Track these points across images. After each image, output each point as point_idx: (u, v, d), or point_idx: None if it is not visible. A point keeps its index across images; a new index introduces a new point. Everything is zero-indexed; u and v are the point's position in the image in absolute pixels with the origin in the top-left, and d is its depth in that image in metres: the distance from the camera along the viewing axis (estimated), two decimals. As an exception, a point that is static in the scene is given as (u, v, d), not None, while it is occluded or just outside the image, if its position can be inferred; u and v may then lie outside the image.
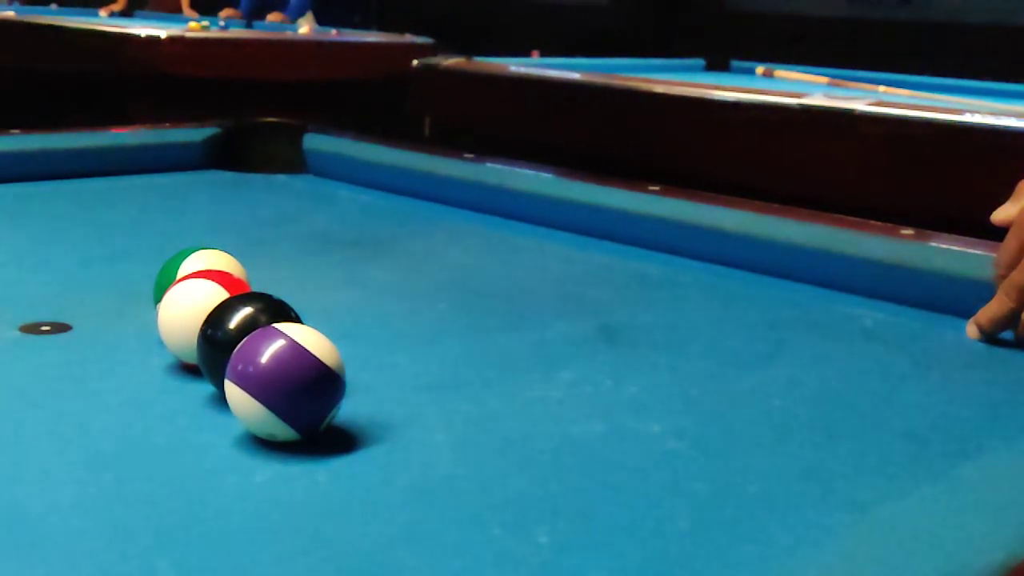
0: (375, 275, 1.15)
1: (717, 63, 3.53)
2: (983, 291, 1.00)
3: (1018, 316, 0.96)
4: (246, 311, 0.72)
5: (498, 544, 0.58)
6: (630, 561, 0.56)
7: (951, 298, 1.05)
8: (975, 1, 4.92)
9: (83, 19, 4.22)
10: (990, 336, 0.98)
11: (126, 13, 5.22)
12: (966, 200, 1.76)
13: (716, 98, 2.20)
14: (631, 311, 1.06)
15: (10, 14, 4.27)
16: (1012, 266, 0.96)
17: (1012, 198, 0.99)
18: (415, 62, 2.86)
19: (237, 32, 4.00)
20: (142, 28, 3.47)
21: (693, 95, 2.26)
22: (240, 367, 0.66)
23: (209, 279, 0.78)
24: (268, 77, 3.38)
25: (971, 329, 0.99)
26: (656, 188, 1.35)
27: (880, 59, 3.49)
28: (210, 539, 0.57)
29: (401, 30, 4.06)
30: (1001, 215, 0.98)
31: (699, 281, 1.18)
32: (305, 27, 4.61)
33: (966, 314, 1.01)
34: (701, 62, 3.57)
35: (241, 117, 1.76)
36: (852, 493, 0.66)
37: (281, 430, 0.66)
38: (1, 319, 0.91)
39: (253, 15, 4.94)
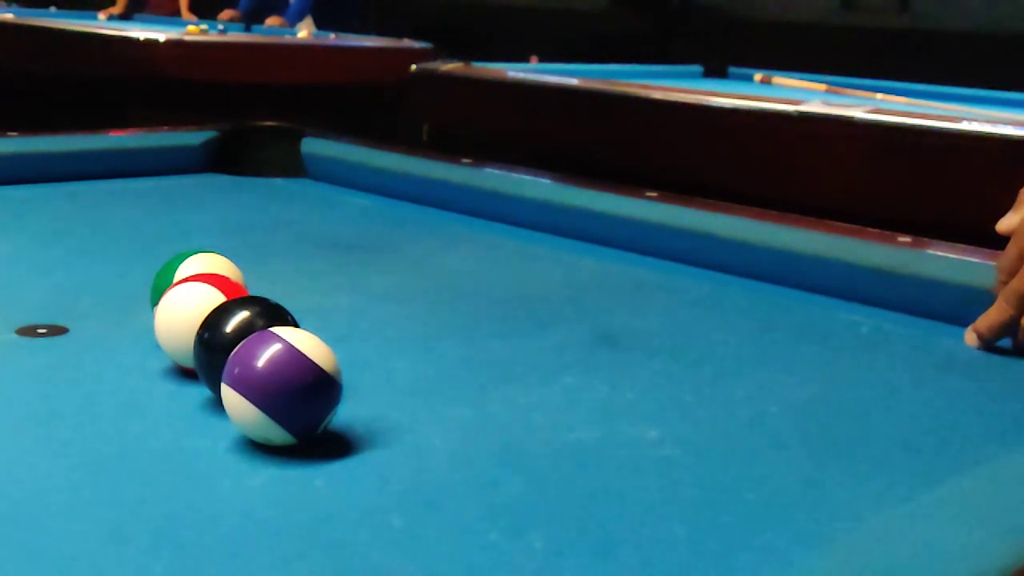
0: (372, 279, 1.15)
1: (715, 70, 3.54)
2: (980, 299, 1.00)
3: (1017, 323, 0.96)
4: (243, 315, 0.72)
5: (494, 549, 0.57)
6: (626, 567, 0.56)
7: (948, 306, 1.05)
8: (973, 9, 4.93)
9: (82, 22, 4.22)
10: (989, 343, 0.98)
11: (125, 16, 5.22)
12: (963, 208, 1.77)
13: (714, 104, 2.21)
14: (628, 317, 1.06)
15: (9, 16, 4.28)
16: (1013, 273, 0.96)
17: (1015, 207, 0.99)
18: (413, 67, 2.87)
19: (236, 36, 4.00)
20: (140, 31, 3.47)
21: (691, 101, 2.26)
22: (236, 371, 0.66)
23: (206, 283, 0.78)
24: (266, 81, 3.39)
25: (970, 336, 0.99)
26: (653, 194, 1.35)
27: (878, 67, 3.49)
28: (205, 543, 0.57)
29: (400, 35, 4.06)
30: (1004, 224, 0.99)
31: (696, 287, 1.18)
32: (304, 31, 4.62)
33: (963, 322, 1.01)
34: (699, 69, 3.57)
35: (239, 121, 1.76)
36: (848, 501, 0.66)
37: (277, 434, 0.66)
38: (-3, 321, 0.91)
39: (252, 19, 4.94)
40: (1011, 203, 0.99)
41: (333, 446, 0.69)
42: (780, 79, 3.13)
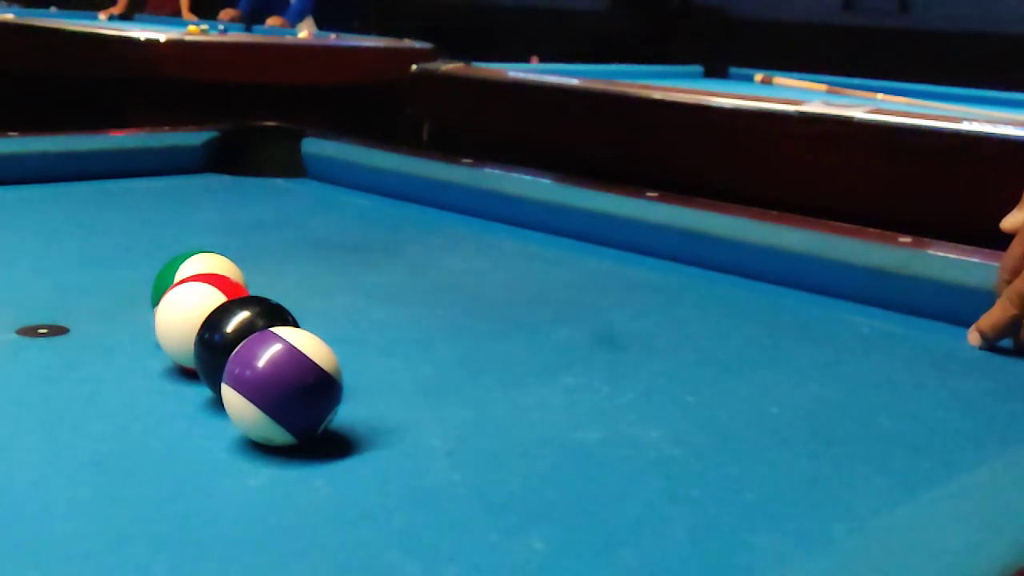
0: (373, 279, 1.15)
1: (716, 70, 3.54)
2: (980, 299, 1.00)
3: (1020, 323, 0.96)
4: (243, 315, 0.72)
5: (494, 549, 0.57)
6: (626, 567, 0.56)
7: (948, 306, 1.05)
8: (974, 9, 4.93)
9: (82, 22, 4.22)
10: (991, 343, 0.98)
11: (125, 16, 5.23)
12: (963, 208, 1.77)
13: (714, 105, 2.21)
14: (629, 317, 1.06)
15: (9, 16, 4.28)
16: (1016, 272, 0.96)
17: (1019, 205, 0.98)
18: (414, 67, 2.87)
19: (236, 36, 4.00)
20: (141, 31, 3.47)
21: (691, 102, 2.26)
22: (237, 371, 0.66)
23: (207, 283, 0.78)
24: (267, 81, 3.39)
25: (972, 336, 0.99)
26: (654, 194, 1.35)
27: (878, 67, 3.49)
28: (206, 543, 0.57)
29: (400, 35, 4.06)
30: (1009, 222, 0.99)
31: (696, 287, 1.18)
32: (305, 31, 4.62)
33: (963, 322, 1.01)
34: (700, 69, 3.57)
35: (240, 121, 1.76)
36: (849, 501, 0.66)
37: (278, 434, 0.66)
38: (-2, 321, 0.91)
39: (252, 19, 4.95)
40: (1011, 203, 0.99)
41: (333, 446, 0.69)
42: (781, 79, 3.13)
